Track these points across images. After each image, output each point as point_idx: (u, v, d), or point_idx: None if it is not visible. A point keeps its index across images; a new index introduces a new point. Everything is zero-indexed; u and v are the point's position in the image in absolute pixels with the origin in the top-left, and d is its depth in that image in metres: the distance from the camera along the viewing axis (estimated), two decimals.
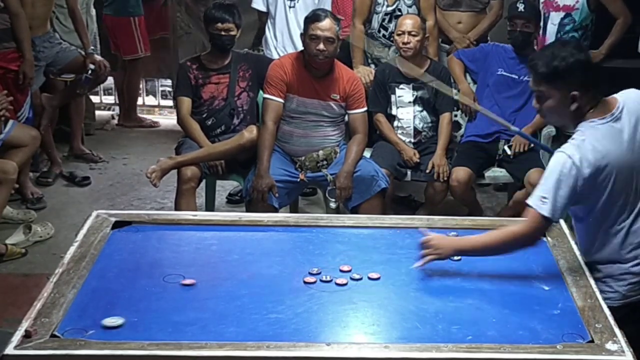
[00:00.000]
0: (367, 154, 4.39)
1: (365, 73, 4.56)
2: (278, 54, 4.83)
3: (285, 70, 4.20)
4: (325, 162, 4.24)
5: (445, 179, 4.31)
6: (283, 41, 4.88)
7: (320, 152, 4.23)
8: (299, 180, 4.20)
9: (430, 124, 4.51)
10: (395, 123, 4.50)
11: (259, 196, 4.05)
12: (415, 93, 4.47)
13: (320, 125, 4.26)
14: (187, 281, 2.55)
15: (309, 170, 4.23)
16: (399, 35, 4.40)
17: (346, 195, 4.12)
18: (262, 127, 4.24)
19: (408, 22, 4.39)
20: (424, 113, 4.50)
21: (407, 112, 4.49)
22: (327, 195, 4.19)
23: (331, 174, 4.18)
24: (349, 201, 4.15)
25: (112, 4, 6.10)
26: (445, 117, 4.47)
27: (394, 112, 4.51)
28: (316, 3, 4.81)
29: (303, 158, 4.24)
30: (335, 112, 4.26)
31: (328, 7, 4.78)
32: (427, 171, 4.34)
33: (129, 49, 6.19)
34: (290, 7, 4.86)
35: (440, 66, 4.59)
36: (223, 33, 4.32)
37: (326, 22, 4.07)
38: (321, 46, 4.05)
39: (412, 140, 4.50)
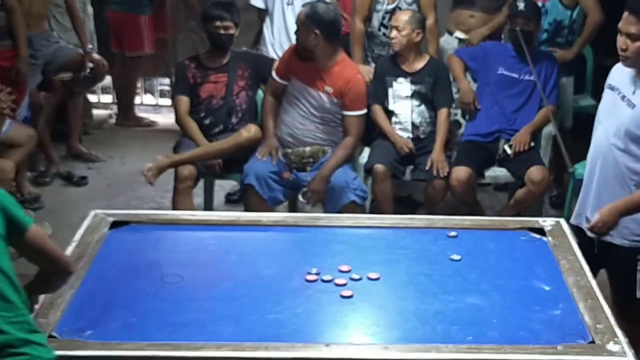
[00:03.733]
0: (365, 153, 4.38)
1: (365, 72, 4.55)
2: (275, 51, 4.83)
3: (291, 52, 4.25)
4: (311, 160, 4.18)
5: (445, 174, 4.28)
6: (280, 38, 4.87)
7: (308, 149, 4.19)
8: (283, 178, 4.15)
9: (428, 119, 4.49)
10: (393, 119, 4.49)
11: (263, 156, 4.13)
12: (413, 87, 4.47)
13: (306, 119, 4.20)
14: None
15: (294, 164, 4.19)
16: (389, 30, 4.47)
17: (318, 200, 4.10)
18: (263, 101, 4.36)
19: (397, 17, 4.43)
20: (422, 108, 4.48)
21: (404, 106, 4.47)
22: (300, 196, 4.18)
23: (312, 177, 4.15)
24: (322, 207, 4.13)
25: (121, 1, 6.09)
26: (442, 113, 4.46)
27: (390, 106, 4.49)
28: None
29: (290, 151, 4.21)
30: (323, 106, 4.17)
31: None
32: (427, 168, 4.31)
33: (135, 46, 6.16)
34: (288, 4, 4.85)
35: (438, 62, 4.58)
36: (222, 31, 4.31)
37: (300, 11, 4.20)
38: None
39: (410, 135, 4.48)
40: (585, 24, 4.82)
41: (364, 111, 4.22)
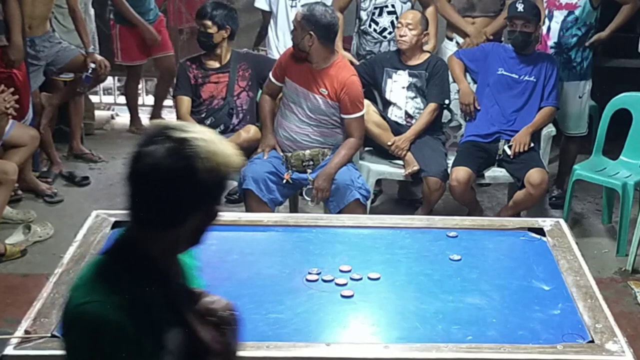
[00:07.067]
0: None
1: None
2: (279, 53, 4.82)
3: (287, 55, 4.25)
4: (311, 163, 4.15)
5: (399, 156, 4.40)
6: (284, 40, 4.85)
7: (307, 152, 4.16)
8: (284, 180, 4.13)
9: (422, 111, 4.54)
10: (390, 107, 4.57)
11: (265, 154, 4.17)
12: (410, 79, 4.52)
13: (303, 122, 4.16)
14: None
15: (294, 168, 4.17)
16: (398, 27, 4.50)
17: (322, 197, 4.07)
18: (260, 100, 4.37)
19: (408, 15, 4.49)
20: (418, 100, 4.54)
21: (400, 96, 4.55)
22: (304, 193, 4.16)
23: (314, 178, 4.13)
24: (327, 205, 4.14)
25: (116, 12, 6.09)
26: (430, 106, 4.51)
27: (387, 95, 4.54)
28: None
29: (290, 154, 4.19)
30: (319, 108, 4.11)
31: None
32: (389, 144, 4.41)
33: (128, 56, 6.17)
34: (291, 6, 4.85)
35: (437, 59, 4.61)
36: (202, 29, 4.34)
37: (297, 11, 4.19)
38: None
39: (404, 123, 4.53)
40: (617, 13, 4.84)
41: (363, 112, 4.17)
